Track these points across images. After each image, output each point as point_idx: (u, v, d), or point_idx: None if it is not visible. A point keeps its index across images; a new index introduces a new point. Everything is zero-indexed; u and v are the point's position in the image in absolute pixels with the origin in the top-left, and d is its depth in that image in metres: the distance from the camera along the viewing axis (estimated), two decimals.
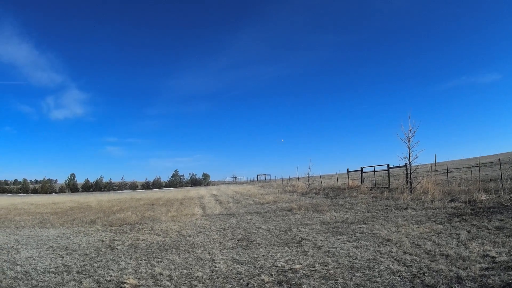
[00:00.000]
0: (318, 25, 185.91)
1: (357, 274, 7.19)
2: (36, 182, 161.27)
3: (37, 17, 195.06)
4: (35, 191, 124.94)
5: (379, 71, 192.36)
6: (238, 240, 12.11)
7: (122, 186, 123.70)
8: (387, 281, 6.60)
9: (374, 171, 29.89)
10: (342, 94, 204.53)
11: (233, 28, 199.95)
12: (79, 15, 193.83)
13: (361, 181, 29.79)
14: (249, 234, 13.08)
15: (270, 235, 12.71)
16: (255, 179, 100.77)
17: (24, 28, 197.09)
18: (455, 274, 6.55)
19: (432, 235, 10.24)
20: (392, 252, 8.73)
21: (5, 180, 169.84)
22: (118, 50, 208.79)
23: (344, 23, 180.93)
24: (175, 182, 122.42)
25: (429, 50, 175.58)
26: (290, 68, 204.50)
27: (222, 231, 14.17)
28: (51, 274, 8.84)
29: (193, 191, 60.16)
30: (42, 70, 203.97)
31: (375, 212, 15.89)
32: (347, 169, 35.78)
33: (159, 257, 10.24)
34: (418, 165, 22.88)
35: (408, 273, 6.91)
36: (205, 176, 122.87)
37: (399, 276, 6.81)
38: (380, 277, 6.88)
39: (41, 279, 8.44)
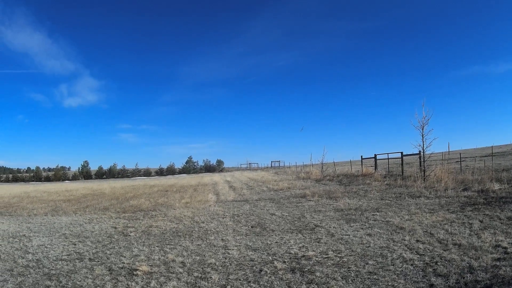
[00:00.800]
0: (332, 12, 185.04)
1: (370, 262, 7.20)
2: (49, 170, 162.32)
3: (49, 6, 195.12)
4: (48, 179, 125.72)
5: (393, 59, 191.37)
6: (251, 227, 12.14)
7: (135, 173, 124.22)
8: (400, 269, 6.62)
9: (388, 159, 29.76)
10: (356, 82, 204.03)
11: (248, 15, 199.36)
12: (91, 2, 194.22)
13: (375, 169, 29.70)
14: (263, 221, 13.09)
15: (283, 221, 12.72)
16: (269, 165, 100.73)
17: (36, 17, 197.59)
18: (467, 264, 6.56)
19: (445, 223, 10.24)
20: (405, 240, 8.74)
21: (17, 169, 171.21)
22: (131, 37, 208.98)
23: (357, 10, 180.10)
24: (189, 168, 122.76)
25: (443, 39, 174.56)
26: (305, 55, 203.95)
27: (236, 218, 14.20)
28: (63, 261, 8.90)
29: (207, 178, 60.20)
30: (55, 58, 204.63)
31: (389, 200, 15.86)
32: (361, 156, 35.59)
33: (172, 243, 10.28)
34: (432, 153, 22.77)
35: (421, 262, 6.92)
36: (219, 162, 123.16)
37: (411, 264, 6.83)
38: (393, 265, 6.89)
39: (53, 267, 8.49)
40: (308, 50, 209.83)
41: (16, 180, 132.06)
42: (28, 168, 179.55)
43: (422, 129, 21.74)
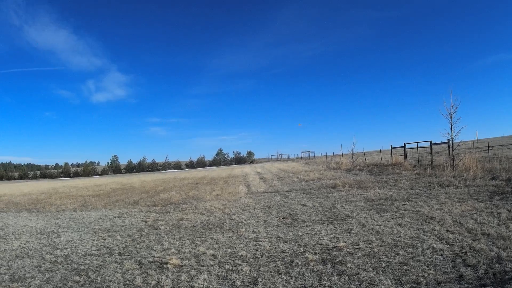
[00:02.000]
0: (356, 0, 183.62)
1: (400, 253, 7.24)
2: (78, 165, 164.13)
3: (72, 2, 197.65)
4: (76, 174, 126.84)
5: (419, 47, 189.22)
6: (282, 218, 12.18)
7: (165, 166, 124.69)
8: (430, 260, 6.65)
9: (417, 148, 29.50)
10: (384, 71, 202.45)
11: (274, 6, 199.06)
12: None
13: (404, 158, 29.44)
14: (294, 212, 13.15)
15: (314, 212, 12.77)
16: (299, 156, 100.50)
17: (60, 14, 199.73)
18: (495, 254, 6.57)
19: (474, 213, 10.22)
20: (435, 230, 8.75)
21: (45, 165, 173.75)
22: (158, 31, 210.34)
23: None
24: (219, 160, 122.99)
25: (470, 26, 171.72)
26: (331, 44, 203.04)
27: (267, 209, 14.26)
28: (92, 256, 9.01)
29: (238, 169, 60.34)
30: (81, 54, 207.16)
31: (418, 189, 15.78)
32: (391, 145, 35.40)
33: (203, 236, 10.37)
34: (460, 142, 22.53)
35: (450, 252, 6.94)
36: (250, 154, 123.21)
37: (441, 255, 6.86)
38: (423, 255, 6.93)
39: (82, 262, 8.59)
40: (333, 40, 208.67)
41: (44, 176, 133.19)
42: (56, 164, 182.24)
43: (451, 118, 21.51)
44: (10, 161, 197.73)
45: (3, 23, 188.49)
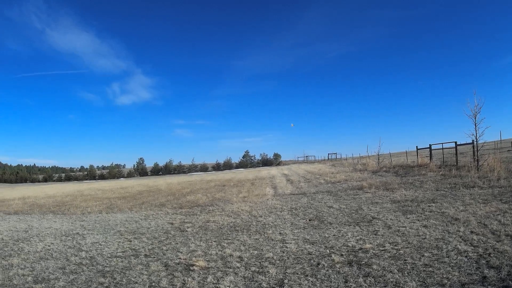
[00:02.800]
0: (377, 0, 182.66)
1: (425, 254, 7.28)
2: (104, 168, 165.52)
3: (94, 6, 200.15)
4: (102, 177, 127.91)
5: (442, 47, 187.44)
6: (309, 220, 12.26)
7: (192, 169, 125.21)
8: (454, 261, 6.69)
9: (442, 149, 29.23)
10: (407, 71, 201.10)
11: (297, 7, 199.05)
12: (138, 0, 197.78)
13: (430, 159, 29.21)
14: (320, 214, 13.21)
15: (341, 214, 12.83)
16: (326, 157, 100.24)
17: (82, 17, 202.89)
18: None
19: (498, 214, 10.17)
20: (459, 231, 8.77)
21: (70, 168, 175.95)
22: (182, 33, 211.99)
23: None
24: (246, 162, 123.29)
25: (492, 25, 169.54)
26: (353, 45, 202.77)
27: (294, 211, 14.32)
28: (117, 258, 9.12)
29: (264, 171, 60.43)
30: (104, 57, 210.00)
31: (444, 191, 15.72)
32: (416, 146, 35.01)
33: (230, 238, 10.45)
34: (484, 142, 22.35)
35: (475, 254, 6.96)
36: (276, 155, 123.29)
37: (465, 256, 6.88)
38: (448, 257, 6.96)
39: (107, 264, 8.70)
40: (356, 40, 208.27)
41: (69, 179, 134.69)
42: (82, 167, 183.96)
43: (475, 118, 21.34)
44: (34, 164, 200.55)
45: (25, 26, 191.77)
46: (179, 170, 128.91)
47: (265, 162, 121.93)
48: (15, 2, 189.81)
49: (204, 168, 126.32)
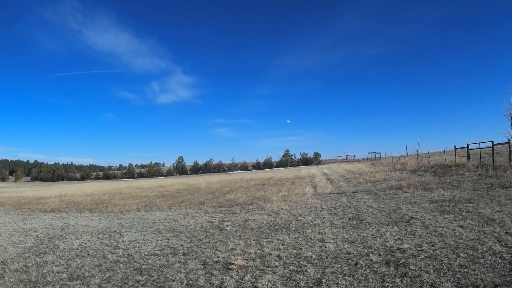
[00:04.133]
0: None
1: (461, 255, 7.39)
2: (142, 166, 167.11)
3: (131, 5, 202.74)
4: (141, 175, 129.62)
5: (480, 45, 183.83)
6: (348, 219, 12.41)
7: (232, 167, 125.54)
8: (489, 262, 6.80)
9: (480, 148, 28.91)
10: (444, 69, 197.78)
11: (336, 4, 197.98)
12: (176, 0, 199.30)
13: (467, 159, 28.87)
14: (360, 213, 13.36)
15: (380, 214, 12.96)
16: (366, 157, 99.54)
17: (120, 17, 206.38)
18: None
19: None
20: (495, 232, 8.87)
21: (108, 166, 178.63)
22: (221, 32, 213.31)
23: None
24: (286, 161, 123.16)
25: None
26: (393, 43, 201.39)
27: (333, 210, 14.48)
28: (155, 256, 9.25)
29: (304, 170, 60.10)
30: (143, 56, 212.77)
31: (480, 191, 15.70)
32: (454, 146, 34.68)
33: (269, 237, 10.56)
34: None
35: (509, 255, 7.07)
36: (316, 155, 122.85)
37: (500, 257, 6.99)
38: (483, 258, 7.08)
39: (145, 261, 8.82)
40: (396, 38, 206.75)
41: (107, 177, 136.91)
42: (120, 165, 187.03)
43: (511, 117, 21.19)
44: (71, 162, 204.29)
45: (61, 26, 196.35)
46: (219, 169, 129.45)
47: (305, 161, 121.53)
48: (50, 3, 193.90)
49: (244, 167, 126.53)
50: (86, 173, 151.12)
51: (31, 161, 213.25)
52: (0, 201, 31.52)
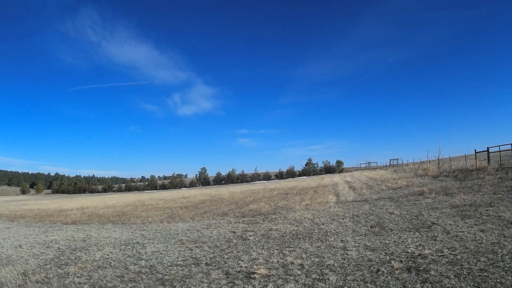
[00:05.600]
0: (439, 1, 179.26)
1: (481, 259, 7.49)
2: (165, 178, 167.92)
3: (151, 17, 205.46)
4: (163, 187, 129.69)
5: (502, 48, 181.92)
6: (370, 227, 12.50)
7: (255, 177, 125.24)
8: (508, 265, 6.89)
9: (500, 151, 28.80)
10: (462, 72, 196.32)
11: (356, 10, 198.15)
12: (197, 11, 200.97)
13: (488, 162, 28.68)
14: (382, 220, 13.43)
15: (401, 220, 13.02)
16: (388, 164, 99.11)
17: (139, 29, 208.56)
18: None
19: None
20: None
21: (131, 178, 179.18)
22: (242, 42, 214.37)
23: None
24: (309, 170, 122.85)
25: None
26: (413, 49, 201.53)
27: (355, 218, 14.55)
28: (178, 267, 9.35)
29: (327, 179, 59.78)
30: (164, 68, 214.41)
31: (501, 194, 15.69)
32: (475, 150, 34.23)
33: (292, 246, 10.62)
34: None
35: None
36: (339, 163, 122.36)
37: None
38: (502, 261, 7.17)
39: (167, 272, 8.94)
40: (415, 43, 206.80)
41: (129, 189, 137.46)
42: (143, 177, 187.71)
43: None
44: (93, 175, 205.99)
45: (81, 40, 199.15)
46: (242, 179, 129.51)
47: (328, 170, 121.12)
48: (68, 16, 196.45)
49: (267, 177, 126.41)
50: (108, 185, 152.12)
51: (53, 174, 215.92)
52: (21, 214, 32.18)
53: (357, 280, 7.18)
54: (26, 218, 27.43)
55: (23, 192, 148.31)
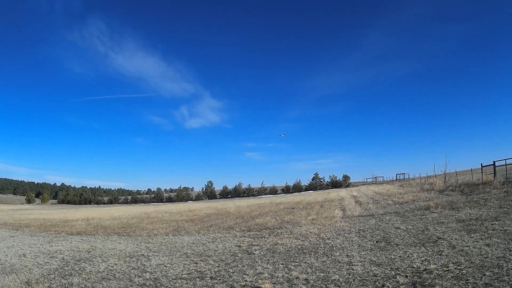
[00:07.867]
0: (443, 14, 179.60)
1: (486, 273, 7.49)
2: (171, 190, 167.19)
3: (159, 28, 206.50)
4: (170, 200, 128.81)
5: (507, 58, 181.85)
6: (376, 242, 12.46)
7: (261, 191, 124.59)
8: None
9: (506, 165, 28.82)
10: (471, 87, 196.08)
11: (364, 24, 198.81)
12: (204, 23, 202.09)
13: (494, 176, 28.66)
14: (387, 235, 13.39)
15: (407, 235, 12.98)
16: (394, 178, 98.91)
17: (147, 41, 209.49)
18: None
19: None
20: None
21: (137, 190, 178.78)
22: (249, 55, 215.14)
23: (466, 11, 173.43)
24: (315, 185, 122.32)
25: None
26: (421, 62, 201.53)
27: (361, 233, 14.52)
28: (182, 280, 9.35)
29: (333, 193, 59.52)
30: (172, 81, 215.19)
31: (506, 208, 15.65)
32: (481, 164, 34.28)
33: (297, 261, 10.59)
34: None
35: None
36: (345, 177, 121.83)
37: None
38: (508, 275, 7.17)
39: (171, 285, 8.96)
40: (422, 57, 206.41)
41: (135, 201, 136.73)
42: (149, 189, 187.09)
43: None
44: (99, 186, 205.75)
45: (88, 50, 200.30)
46: (248, 193, 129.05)
47: (335, 184, 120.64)
48: (76, 26, 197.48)
49: (273, 191, 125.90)
50: (114, 197, 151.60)
51: (58, 184, 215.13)
52: (26, 223, 32.16)
53: None
54: (31, 227, 27.49)
55: (29, 201, 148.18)
